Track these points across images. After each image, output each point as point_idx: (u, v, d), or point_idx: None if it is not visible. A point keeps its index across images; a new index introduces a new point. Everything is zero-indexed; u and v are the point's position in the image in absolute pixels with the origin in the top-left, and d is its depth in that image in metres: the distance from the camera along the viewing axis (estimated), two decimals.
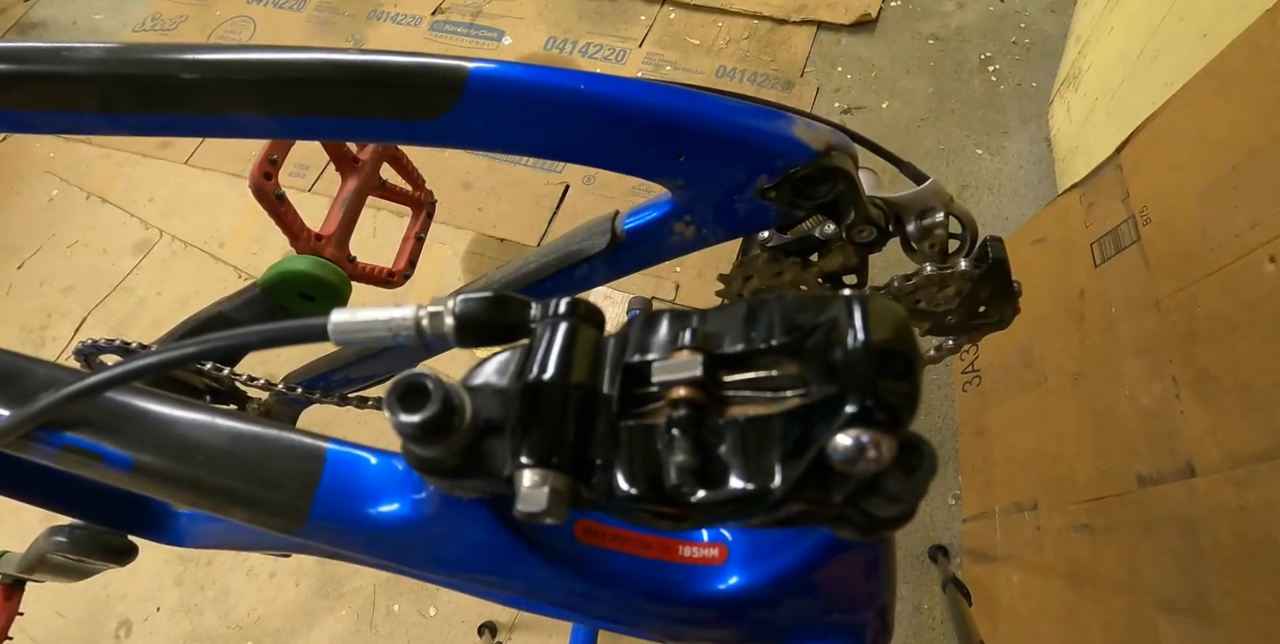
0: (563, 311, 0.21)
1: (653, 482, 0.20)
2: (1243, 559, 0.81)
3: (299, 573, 1.43)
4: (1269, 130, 0.86)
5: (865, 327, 0.18)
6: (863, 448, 0.18)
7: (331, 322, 0.22)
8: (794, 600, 0.26)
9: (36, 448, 0.28)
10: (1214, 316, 0.90)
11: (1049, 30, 1.80)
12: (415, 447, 0.20)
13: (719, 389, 0.20)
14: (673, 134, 0.34)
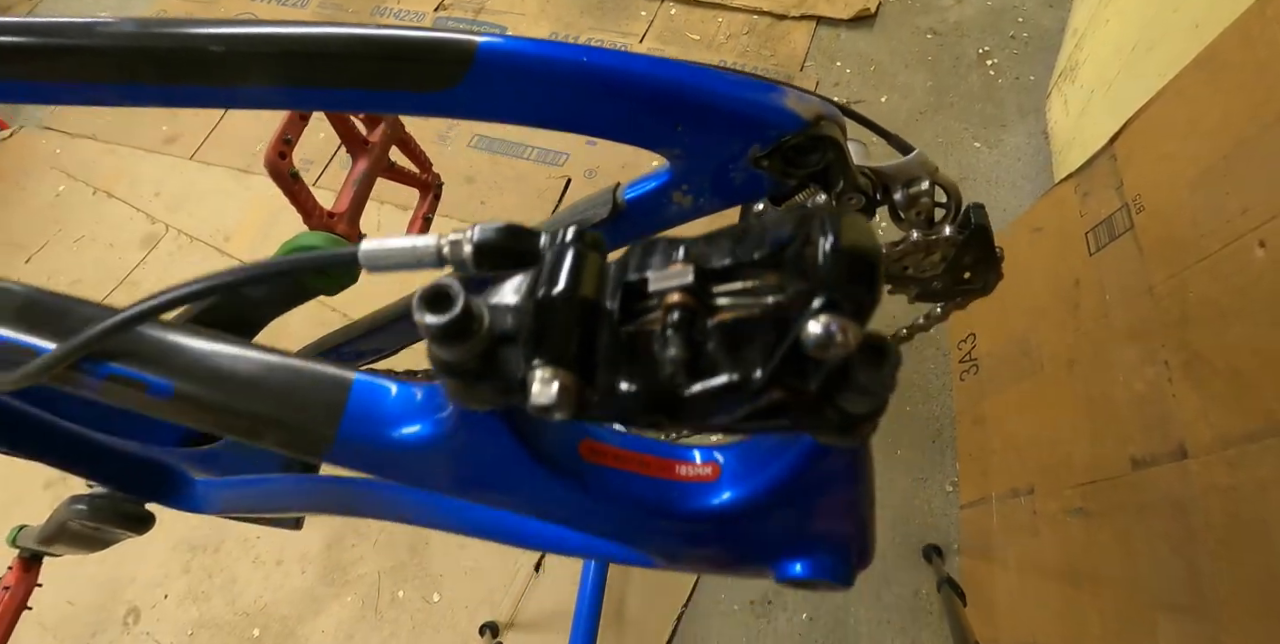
0: (570, 238, 0.23)
1: (649, 380, 0.22)
2: (1234, 538, 0.83)
3: (305, 560, 1.45)
4: (1259, 118, 0.87)
5: (835, 232, 0.20)
6: (831, 334, 0.20)
7: (362, 249, 0.24)
8: (781, 511, 0.28)
9: (84, 380, 0.29)
10: (1205, 302, 0.91)
11: (1047, 25, 1.82)
12: (439, 349, 0.22)
13: (708, 299, 0.23)
14: (671, 105, 0.36)
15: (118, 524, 0.56)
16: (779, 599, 1.32)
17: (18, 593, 0.67)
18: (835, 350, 0.19)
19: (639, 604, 1.33)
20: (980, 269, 0.40)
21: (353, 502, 0.47)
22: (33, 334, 0.30)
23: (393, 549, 1.43)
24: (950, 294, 0.42)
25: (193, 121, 2.05)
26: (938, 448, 1.42)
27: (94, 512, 0.55)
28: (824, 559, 0.30)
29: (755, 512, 0.28)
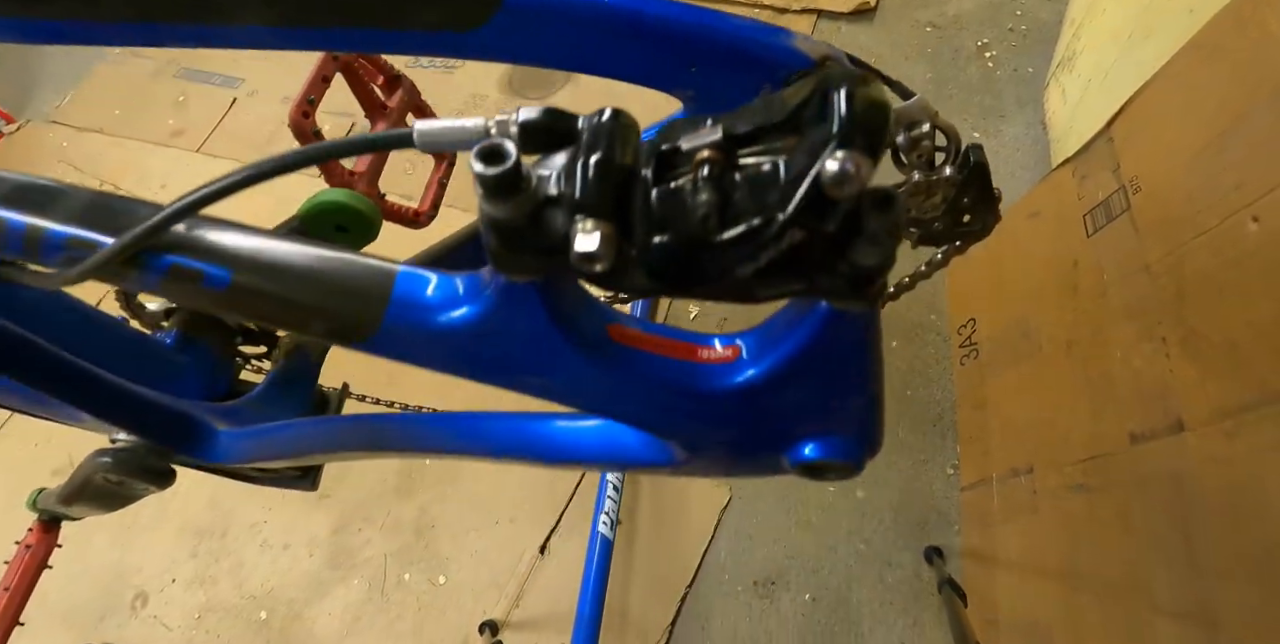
0: (608, 115, 0.25)
1: (682, 231, 0.24)
2: (1230, 508, 0.84)
3: (312, 544, 1.46)
4: (1253, 97, 0.89)
5: (848, 85, 0.22)
6: (847, 170, 0.21)
7: (417, 129, 0.26)
8: (797, 384, 0.30)
9: (144, 273, 0.31)
10: (1201, 277, 0.93)
11: (1045, 18, 1.84)
12: (490, 205, 0.24)
13: (735, 160, 0.25)
14: (686, 45, 0.38)
15: (141, 478, 0.58)
16: (782, 580, 1.34)
17: (39, 552, 0.68)
18: (851, 186, 0.21)
19: (643, 586, 1.35)
20: (979, 210, 0.42)
21: (375, 436, 0.48)
22: (98, 230, 0.32)
23: (399, 533, 1.44)
24: (951, 237, 0.44)
25: (199, 115, 2.07)
26: (938, 432, 1.44)
27: (118, 464, 0.56)
28: (836, 439, 0.32)
29: (774, 385, 0.30)
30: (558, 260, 0.25)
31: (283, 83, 2.09)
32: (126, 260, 0.31)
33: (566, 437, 0.39)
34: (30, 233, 0.32)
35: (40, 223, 0.32)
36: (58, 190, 0.34)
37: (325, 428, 0.52)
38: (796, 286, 0.26)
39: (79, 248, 0.32)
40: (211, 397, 0.62)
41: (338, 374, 0.80)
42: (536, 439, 0.41)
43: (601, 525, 1.27)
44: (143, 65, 2.24)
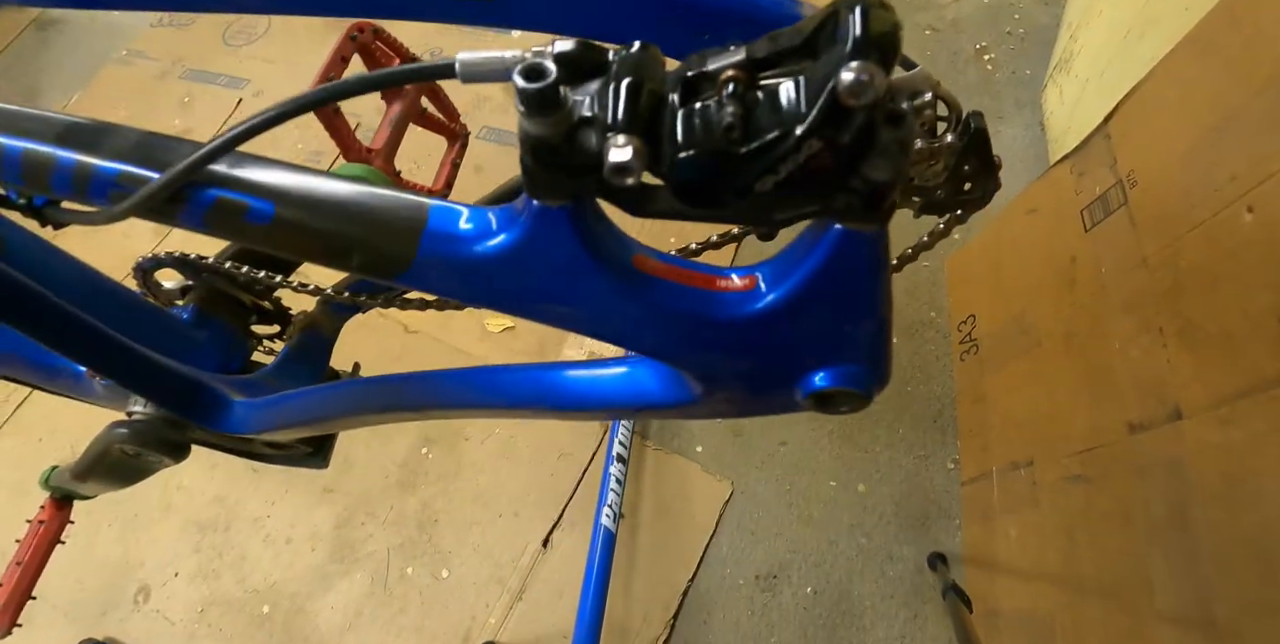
0: (637, 48, 0.27)
1: (707, 145, 0.26)
2: (1227, 493, 0.85)
3: (315, 539, 1.47)
4: (1246, 90, 0.91)
5: (861, 4, 0.24)
6: (861, 79, 0.23)
7: (459, 59, 0.28)
8: (812, 307, 0.31)
9: (190, 207, 0.33)
10: (1197, 268, 0.94)
11: (1043, 21, 1.87)
12: (530, 122, 0.26)
13: (757, 81, 0.26)
14: (700, 13, 0.39)
15: (157, 449, 0.59)
16: (783, 574, 1.35)
17: (51, 527, 0.69)
18: (866, 94, 0.23)
19: (645, 579, 1.35)
20: (979, 179, 0.43)
21: (393, 396, 0.49)
22: (145, 166, 0.33)
23: (402, 527, 1.45)
24: (953, 205, 0.45)
25: (206, 115, 2.09)
26: (939, 427, 1.45)
27: (135, 435, 0.57)
28: (846, 367, 0.33)
29: (790, 310, 0.32)
30: (589, 181, 0.27)
31: (288, 84, 2.11)
32: (173, 196, 0.33)
33: (584, 384, 0.41)
34: (80, 170, 0.34)
35: (90, 160, 0.34)
36: (105, 129, 0.35)
37: (344, 390, 0.54)
38: (812, 207, 0.27)
39: (127, 183, 0.33)
40: (226, 373, 0.63)
41: (349, 356, 0.81)
42: (555, 388, 0.42)
43: (604, 518, 1.28)
44: (150, 66, 2.26)
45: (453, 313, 0.55)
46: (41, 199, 0.43)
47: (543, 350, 1.59)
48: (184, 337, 0.63)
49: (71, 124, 0.35)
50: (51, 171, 0.34)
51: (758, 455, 1.45)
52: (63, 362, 0.63)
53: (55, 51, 2.45)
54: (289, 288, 0.58)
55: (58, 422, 1.65)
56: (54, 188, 0.35)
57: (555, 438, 1.49)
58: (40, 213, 0.42)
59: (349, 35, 0.58)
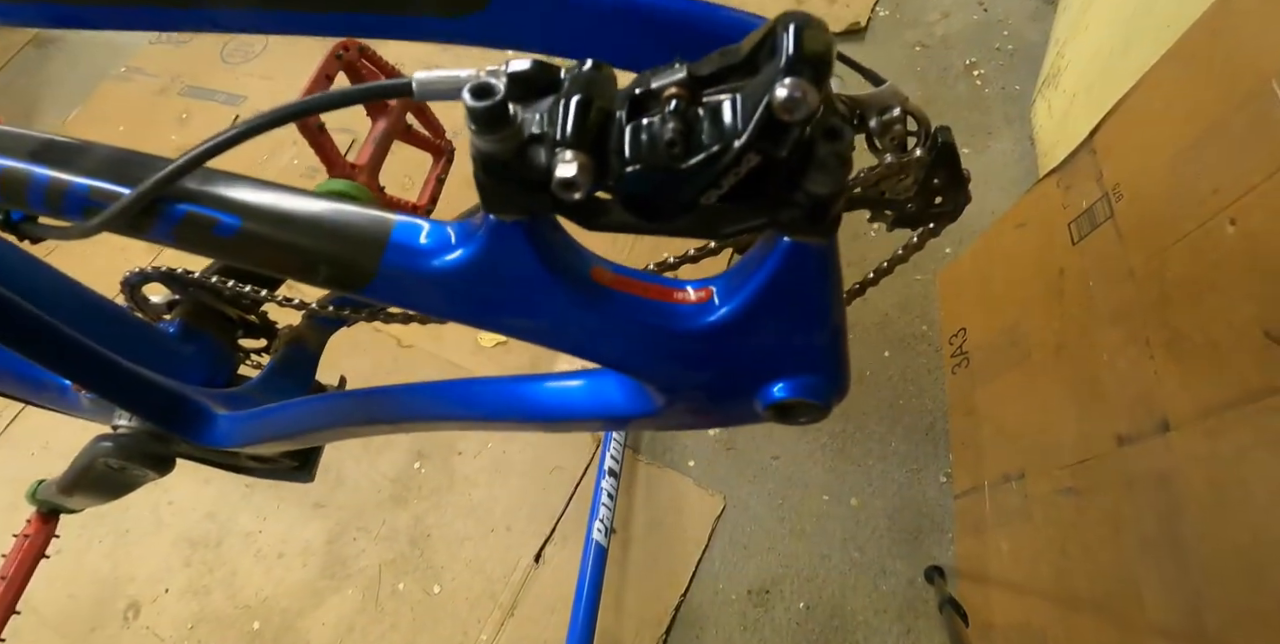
0: (588, 67, 0.27)
1: (651, 160, 0.27)
2: (1215, 504, 0.85)
3: (306, 554, 1.46)
4: (1226, 106, 0.92)
5: (794, 22, 0.25)
6: (795, 96, 0.24)
7: (416, 78, 0.29)
8: (766, 319, 0.32)
9: (160, 221, 0.33)
10: (1183, 280, 0.95)
11: (1031, 37, 1.89)
12: (480, 139, 0.26)
13: (699, 97, 0.27)
14: (673, 32, 0.40)
15: (142, 463, 0.59)
16: (776, 588, 1.34)
17: (36, 541, 0.69)
18: (800, 111, 0.24)
19: (637, 594, 1.35)
20: (950, 191, 0.44)
21: (372, 408, 0.50)
22: (118, 182, 0.33)
23: (394, 542, 1.45)
24: (924, 219, 0.46)
25: (202, 131, 2.11)
26: (931, 440, 1.45)
27: (120, 449, 0.58)
28: (804, 378, 0.34)
29: (744, 322, 0.32)
30: (542, 197, 0.27)
31: (284, 100, 2.13)
32: (144, 210, 0.33)
33: (555, 396, 0.41)
34: (53, 186, 0.35)
35: (64, 176, 0.35)
36: (79, 146, 0.36)
37: (325, 404, 0.54)
38: (758, 220, 0.28)
39: (100, 199, 0.34)
40: (212, 387, 0.64)
41: (342, 370, 0.82)
42: (527, 400, 0.42)
43: (596, 533, 1.27)
44: (148, 83, 2.28)
45: (445, 327, 0.55)
46: (18, 214, 0.43)
47: (535, 364, 1.59)
48: (170, 351, 0.63)
49: (47, 141, 0.36)
50: (27, 187, 0.35)
51: (750, 469, 1.45)
52: (48, 375, 0.63)
53: (55, 68, 2.47)
54: (274, 302, 0.59)
55: (50, 437, 1.64)
56: (30, 203, 0.36)
57: (548, 452, 1.49)
58: (17, 228, 0.43)
59: (334, 53, 0.59)
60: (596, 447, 1.47)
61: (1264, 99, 0.86)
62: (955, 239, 1.62)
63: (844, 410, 1.49)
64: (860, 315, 1.58)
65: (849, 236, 1.64)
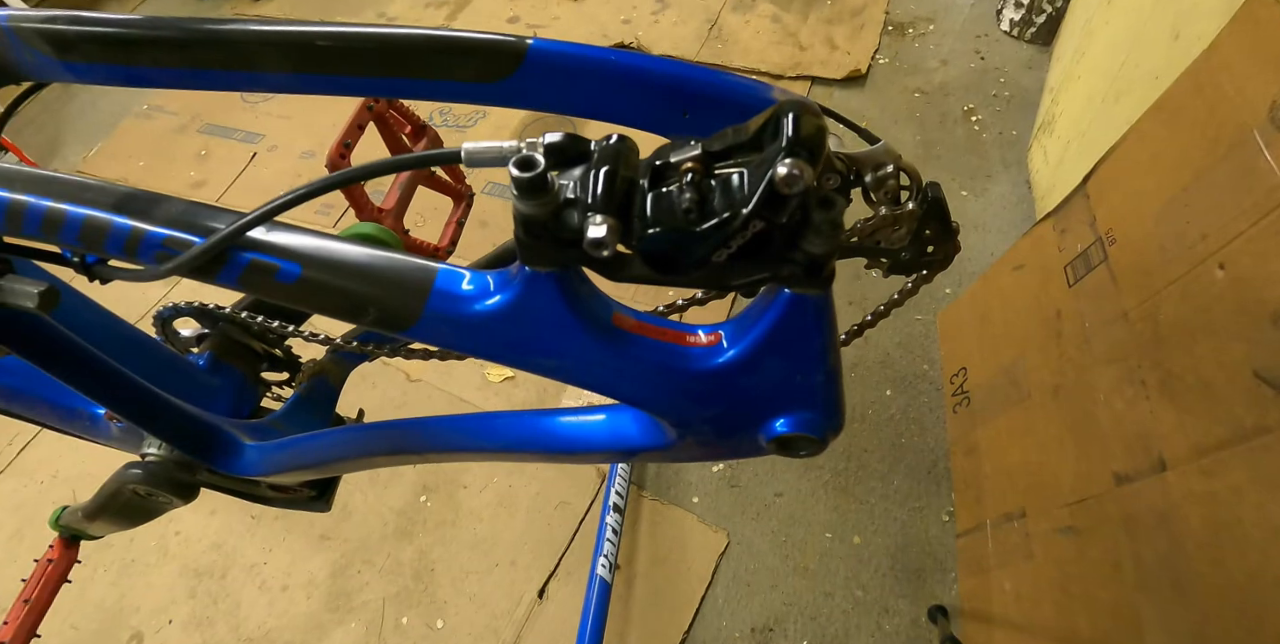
0: (615, 140, 0.31)
1: (670, 223, 0.31)
2: (1214, 543, 0.87)
3: (310, 586, 1.46)
4: (1212, 153, 0.96)
5: (794, 111, 0.29)
6: (793, 173, 0.28)
7: (465, 148, 0.32)
8: (768, 361, 0.35)
9: (228, 268, 0.36)
10: (1175, 322, 0.98)
11: (1026, 85, 1.95)
12: (522, 203, 0.30)
13: (712, 170, 0.31)
14: (682, 96, 0.44)
15: (168, 490, 0.61)
16: (779, 627, 1.34)
17: (60, 565, 0.71)
18: (797, 185, 0.27)
19: (641, 631, 1.35)
20: (941, 241, 0.47)
21: (397, 440, 0.52)
22: (190, 232, 0.37)
23: (398, 576, 1.45)
24: (918, 266, 0.49)
25: (220, 167, 2.17)
26: (933, 479, 1.46)
27: (149, 475, 0.60)
28: (803, 415, 0.37)
29: (749, 363, 0.36)
30: (573, 253, 0.31)
31: (301, 139, 2.20)
32: (214, 257, 0.37)
33: (571, 430, 0.44)
34: (133, 233, 0.38)
35: (142, 225, 0.38)
36: (156, 198, 0.40)
37: (349, 435, 0.56)
38: (762, 274, 0.31)
39: (173, 246, 0.37)
40: (236, 418, 0.66)
41: (353, 403, 0.84)
42: (544, 433, 0.45)
43: (600, 568, 1.28)
44: (169, 120, 2.35)
45: (454, 363, 0.58)
46: (93, 258, 0.47)
47: (542, 399, 1.61)
48: (199, 382, 0.66)
49: (128, 194, 0.40)
50: (107, 235, 0.39)
51: (754, 506, 1.46)
52: (81, 403, 0.66)
53: (79, 104, 2.55)
54: (300, 337, 0.62)
55: (59, 465, 1.66)
56: (108, 248, 0.39)
57: (553, 487, 1.50)
58: (91, 270, 0.47)
59: (365, 105, 0.64)
60: (601, 482, 1.48)
61: (1247, 149, 0.89)
62: (955, 280, 1.66)
63: (846, 448, 1.51)
64: (862, 354, 1.61)
65: (849, 277, 1.68)
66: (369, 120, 0.64)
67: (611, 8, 2.39)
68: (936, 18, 2.19)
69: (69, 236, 0.40)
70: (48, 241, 0.43)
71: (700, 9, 2.33)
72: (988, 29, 2.13)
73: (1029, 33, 2.04)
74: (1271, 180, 0.85)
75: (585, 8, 2.42)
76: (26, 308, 0.42)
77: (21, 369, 0.63)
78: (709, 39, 2.23)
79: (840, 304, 1.66)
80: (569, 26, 2.36)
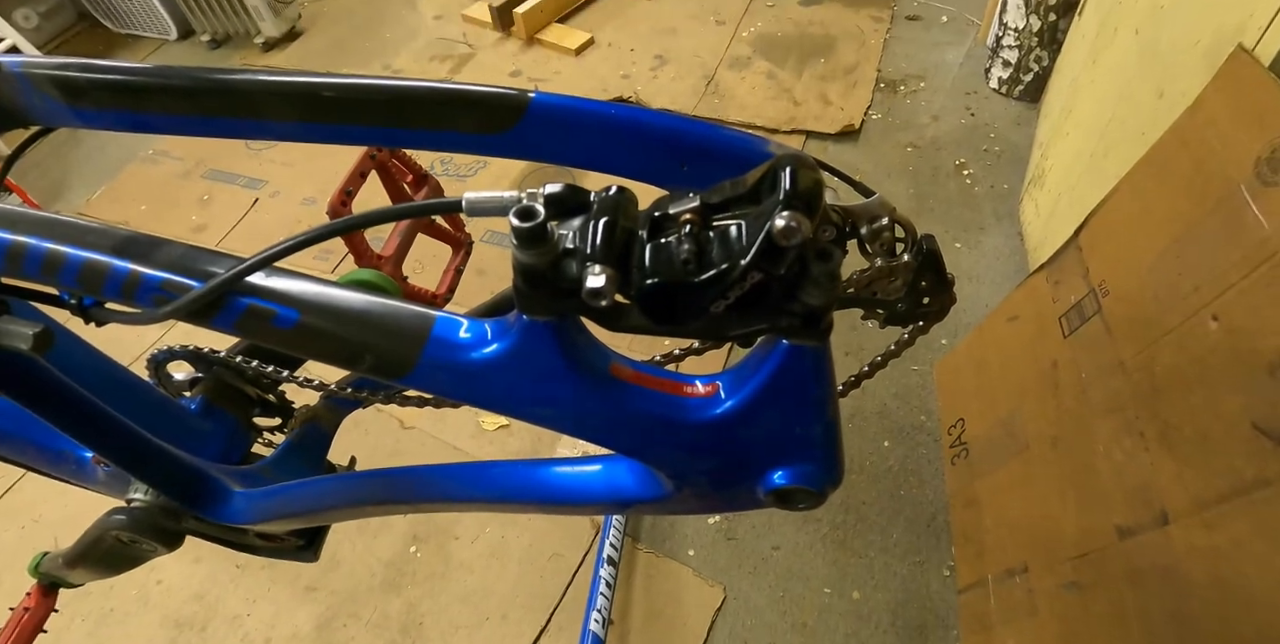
0: (614, 191, 0.31)
1: (668, 274, 0.31)
2: (1220, 598, 0.85)
3: (294, 640, 1.42)
4: (1201, 206, 0.98)
5: (791, 164, 0.29)
6: (790, 225, 0.28)
7: (465, 198, 0.33)
8: (766, 412, 0.35)
9: (225, 312, 0.36)
10: (1172, 373, 0.98)
11: (1016, 140, 2.00)
12: (522, 253, 0.30)
13: (710, 222, 0.32)
14: (680, 148, 0.45)
15: (154, 537, 0.60)
16: None
17: (36, 614, 0.69)
18: (794, 237, 0.28)
19: None
20: (936, 293, 0.47)
21: (389, 488, 0.51)
22: (188, 276, 0.37)
23: (386, 629, 1.41)
24: (914, 317, 0.49)
25: (222, 212, 2.19)
26: (933, 532, 1.44)
27: (133, 522, 0.59)
28: (802, 467, 0.36)
29: (747, 414, 0.36)
30: (571, 302, 0.31)
31: (303, 186, 2.23)
32: (212, 301, 0.37)
33: (568, 480, 0.43)
34: (131, 277, 0.38)
35: (141, 268, 0.38)
36: (156, 242, 0.40)
37: (340, 483, 0.56)
38: (760, 325, 0.32)
39: (171, 289, 0.37)
40: (226, 463, 0.65)
41: (345, 450, 0.83)
42: (541, 483, 0.44)
43: (593, 623, 1.25)
44: (174, 165, 2.38)
45: (448, 410, 0.58)
46: (90, 300, 0.47)
47: (536, 449, 1.60)
48: (190, 427, 0.65)
49: (129, 237, 0.40)
50: (106, 277, 0.39)
51: (750, 560, 1.43)
52: (69, 446, 0.65)
53: (86, 148, 2.58)
54: (294, 383, 0.61)
55: (42, 509, 1.63)
56: (105, 291, 0.40)
57: (546, 539, 1.47)
58: (87, 312, 0.47)
59: (368, 154, 0.65)
60: (595, 534, 1.45)
61: (1234, 202, 0.91)
62: (951, 331, 1.66)
63: (845, 501, 1.49)
64: (859, 405, 1.60)
65: (847, 327, 1.68)
66: (371, 168, 0.65)
67: (612, 63, 2.46)
68: (927, 76, 2.26)
69: (68, 278, 0.40)
70: (46, 283, 0.43)
71: (697, 65, 2.40)
72: (977, 86, 2.19)
73: (1017, 90, 2.10)
74: (1260, 233, 0.86)
75: (586, 63, 2.49)
76: (20, 349, 0.42)
77: (10, 410, 0.62)
78: (706, 94, 2.29)
79: (838, 355, 1.66)
80: (570, 80, 2.42)
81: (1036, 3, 1.91)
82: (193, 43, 2.81)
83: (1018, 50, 2.02)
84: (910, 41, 2.39)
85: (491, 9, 2.55)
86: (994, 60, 2.12)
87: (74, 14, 2.90)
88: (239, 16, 2.64)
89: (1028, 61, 2.02)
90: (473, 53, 2.61)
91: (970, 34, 2.37)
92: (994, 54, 2.11)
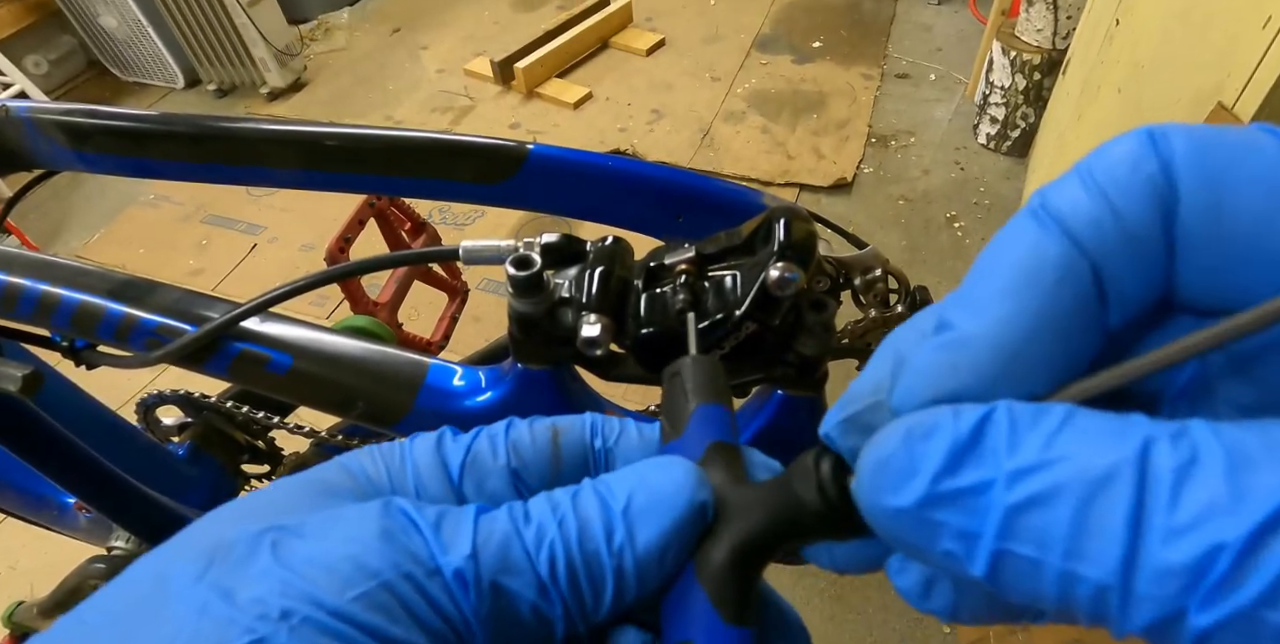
0: (610, 241, 0.32)
1: (663, 324, 0.31)
2: None
3: None
4: None
5: (785, 217, 0.29)
6: (785, 276, 0.28)
7: (463, 246, 0.33)
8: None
9: (218, 357, 0.36)
10: None
11: (1005, 193, 2.04)
12: (518, 301, 0.30)
13: (705, 273, 0.32)
14: (674, 199, 0.45)
15: None
16: None
17: None
18: (789, 288, 0.28)
19: None
20: None
21: None
22: (182, 320, 0.37)
23: None
24: None
25: (220, 257, 2.20)
26: None
27: (114, 571, 0.57)
28: None
29: None
30: (566, 351, 0.31)
31: (302, 232, 2.24)
32: (205, 346, 0.36)
33: None
34: (125, 320, 0.38)
35: (136, 312, 0.38)
36: (151, 286, 0.40)
37: None
38: (755, 375, 0.31)
39: (164, 334, 0.37)
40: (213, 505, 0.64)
41: None
42: None
43: None
44: (173, 210, 2.40)
45: None
46: (82, 342, 0.47)
47: None
48: (177, 473, 0.64)
49: (123, 280, 0.40)
50: (100, 320, 0.39)
51: None
52: (51, 491, 0.63)
53: (86, 191, 2.61)
54: (285, 429, 0.61)
55: (19, 556, 1.59)
56: (99, 334, 0.40)
57: None
58: (79, 355, 0.47)
59: (367, 202, 0.66)
60: None
61: None
62: None
63: None
64: None
65: (841, 377, 1.68)
66: (370, 216, 0.66)
67: (609, 117, 2.52)
68: (917, 131, 2.31)
69: (61, 321, 0.41)
70: (39, 325, 0.43)
71: (693, 119, 2.45)
72: (966, 142, 2.25)
73: (1005, 146, 2.15)
74: None
75: (584, 116, 2.55)
76: (8, 391, 0.41)
77: None
78: (701, 147, 2.34)
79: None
80: (568, 133, 2.48)
81: (1021, 62, 1.97)
82: (199, 91, 2.87)
83: (1004, 107, 2.08)
84: (900, 98, 2.46)
85: (493, 63, 2.62)
86: (982, 117, 2.18)
87: (84, 61, 2.97)
88: (245, 67, 2.70)
89: (1014, 118, 2.08)
90: (473, 105, 2.67)
91: (958, 91, 2.44)
92: (981, 111, 2.17)
